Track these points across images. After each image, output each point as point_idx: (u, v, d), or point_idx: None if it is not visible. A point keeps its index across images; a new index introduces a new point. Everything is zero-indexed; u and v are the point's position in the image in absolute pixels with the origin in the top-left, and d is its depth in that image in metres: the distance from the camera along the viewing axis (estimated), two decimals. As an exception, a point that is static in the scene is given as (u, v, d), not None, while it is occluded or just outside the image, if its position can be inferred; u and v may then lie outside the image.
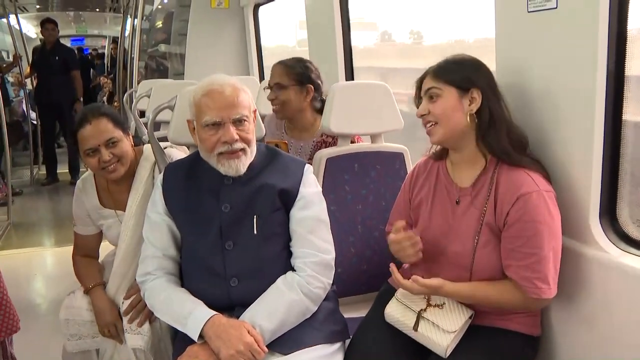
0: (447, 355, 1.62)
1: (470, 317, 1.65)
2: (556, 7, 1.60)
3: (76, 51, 8.23)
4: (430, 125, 1.68)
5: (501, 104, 1.65)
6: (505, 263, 1.62)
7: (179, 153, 2.13)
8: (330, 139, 2.47)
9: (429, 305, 1.67)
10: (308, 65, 2.53)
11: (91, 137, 1.98)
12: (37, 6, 11.27)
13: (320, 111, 2.46)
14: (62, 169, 7.21)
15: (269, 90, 2.52)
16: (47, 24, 6.68)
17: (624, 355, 1.56)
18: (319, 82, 2.52)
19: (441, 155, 1.80)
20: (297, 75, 2.47)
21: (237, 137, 1.68)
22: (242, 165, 1.71)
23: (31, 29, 12.35)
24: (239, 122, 1.69)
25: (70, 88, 6.74)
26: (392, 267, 1.68)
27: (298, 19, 4.61)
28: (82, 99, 6.91)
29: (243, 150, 1.70)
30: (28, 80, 7.78)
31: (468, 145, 1.68)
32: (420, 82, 1.72)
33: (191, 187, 1.78)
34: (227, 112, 1.68)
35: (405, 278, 1.66)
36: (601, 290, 1.61)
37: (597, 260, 1.61)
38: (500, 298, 1.63)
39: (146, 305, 1.95)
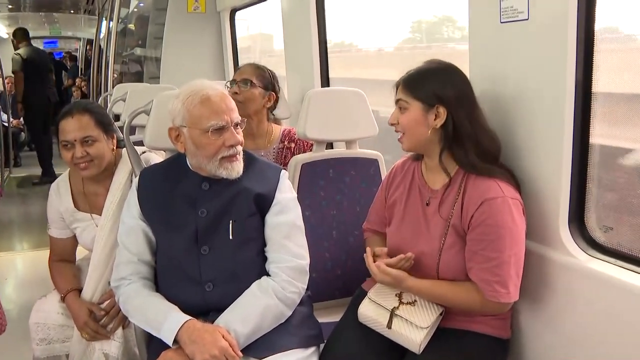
0: (421, 350, 1.65)
1: (441, 314, 1.69)
2: (527, 19, 1.64)
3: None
4: (400, 134, 1.73)
5: (473, 116, 1.67)
6: (467, 265, 1.66)
7: (156, 158, 2.12)
8: (294, 145, 2.53)
9: (401, 303, 1.70)
10: (275, 76, 2.60)
11: (70, 131, 1.99)
12: (9, 6, 11.11)
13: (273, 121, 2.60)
14: (34, 172, 7.13)
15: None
16: None
17: (588, 355, 1.59)
18: (279, 96, 2.60)
19: (418, 156, 1.84)
20: (265, 79, 2.54)
21: (241, 139, 1.72)
22: (241, 167, 1.74)
23: (2, 29, 12.17)
24: (236, 125, 1.72)
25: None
26: (368, 251, 1.72)
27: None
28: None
29: (240, 153, 1.74)
30: None
31: (436, 155, 1.72)
32: (396, 88, 1.75)
33: (167, 191, 1.78)
34: (230, 116, 1.71)
35: (374, 282, 1.70)
36: (569, 294, 1.65)
37: (565, 265, 1.65)
38: (461, 298, 1.67)
39: (119, 310, 1.95)
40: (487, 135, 1.69)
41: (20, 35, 7.24)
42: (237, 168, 1.73)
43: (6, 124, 7.40)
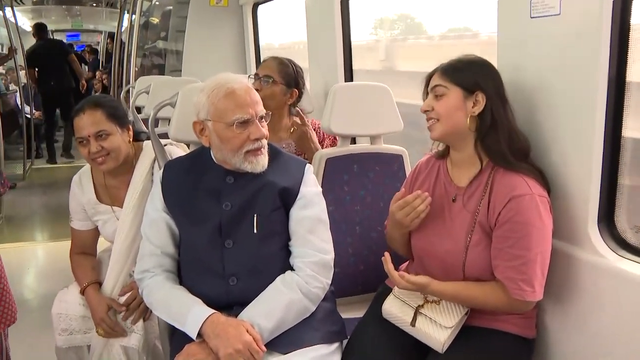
0: (444, 350, 1.64)
1: (466, 314, 1.67)
2: (559, 14, 1.61)
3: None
4: (432, 122, 1.70)
5: (506, 110, 1.66)
6: (493, 263, 1.64)
7: (178, 151, 2.12)
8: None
9: (426, 301, 1.69)
10: (300, 71, 2.56)
11: (83, 127, 2.00)
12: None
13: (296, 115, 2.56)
14: (53, 164, 7.21)
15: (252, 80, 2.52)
16: None
17: (615, 357, 1.57)
18: (302, 91, 2.57)
19: (443, 154, 1.82)
20: (288, 75, 2.51)
21: (266, 133, 1.71)
22: (266, 160, 1.74)
23: (26, 22, 12.28)
24: (262, 118, 1.72)
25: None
26: (386, 255, 1.69)
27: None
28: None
29: (264, 146, 1.74)
30: (22, 74, 7.76)
31: (467, 146, 1.70)
32: (429, 78, 1.73)
33: (191, 184, 1.78)
34: (254, 109, 1.70)
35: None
36: (597, 294, 1.62)
37: (594, 265, 1.63)
38: (486, 298, 1.65)
39: (141, 303, 1.96)
40: (518, 132, 1.67)
41: (35, 32, 8.18)
42: (261, 162, 1.72)
43: (29, 116, 7.48)
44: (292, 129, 2.52)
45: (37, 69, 7.92)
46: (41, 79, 7.93)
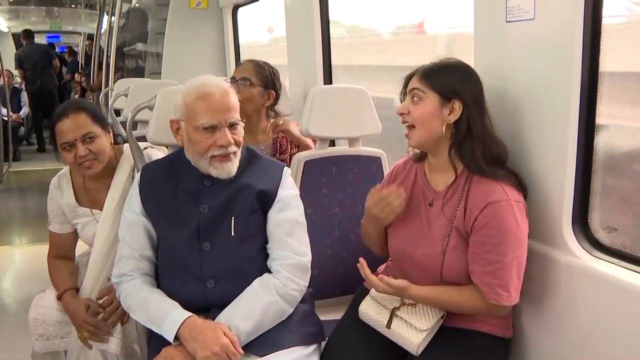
0: (419, 353, 1.65)
1: (442, 317, 1.68)
2: (534, 18, 1.63)
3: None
4: (408, 128, 1.70)
5: (483, 118, 1.65)
6: (470, 267, 1.64)
7: (158, 153, 2.12)
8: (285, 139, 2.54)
9: (402, 303, 1.69)
10: (276, 73, 2.56)
11: (68, 131, 1.97)
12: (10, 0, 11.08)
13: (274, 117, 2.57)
14: (33, 167, 7.12)
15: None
16: None
17: (590, 356, 1.59)
18: (279, 93, 2.56)
19: (421, 157, 1.82)
20: (265, 77, 2.51)
21: (232, 140, 1.69)
22: (233, 167, 1.72)
23: (3, 23, 12.13)
24: (232, 126, 1.70)
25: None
26: (362, 261, 1.69)
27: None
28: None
29: (235, 153, 1.71)
30: None
31: (443, 152, 1.70)
32: (408, 79, 1.73)
33: (169, 187, 1.77)
34: (224, 115, 1.68)
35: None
36: (572, 294, 1.64)
37: (569, 266, 1.65)
38: (463, 302, 1.66)
39: (118, 306, 1.94)
40: (495, 140, 1.67)
41: (24, 36, 9.64)
42: (227, 169, 1.71)
43: (5, 118, 7.39)
44: (273, 132, 2.53)
45: (25, 70, 9.07)
46: (30, 79, 9.05)
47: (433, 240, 1.71)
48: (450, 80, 1.65)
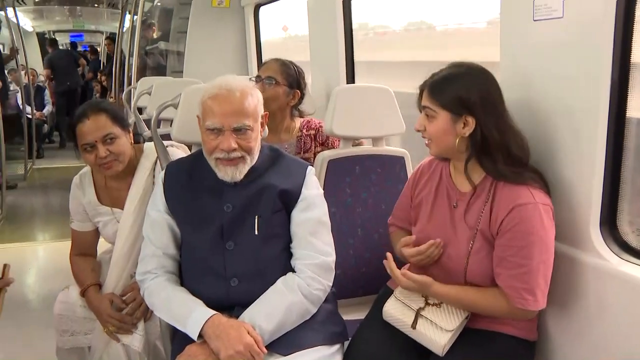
0: (444, 353, 1.64)
1: (466, 317, 1.67)
2: (562, 17, 1.61)
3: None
4: (427, 141, 1.71)
5: (499, 124, 1.62)
6: (495, 271, 1.63)
7: (180, 152, 2.12)
8: (313, 132, 2.53)
9: (427, 304, 1.68)
10: (301, 72, 2.56)
11: (89, 133, 1.97)
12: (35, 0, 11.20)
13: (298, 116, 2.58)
14: (56, 164, 7.20)
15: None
16: None
17: None
18: (304, 92, 2.56)
19: (446, 157, 1.81)
20: (290, 77, 2.51)
21: (234, 146, 1.67)
22: (238, 172, 1.70)
23: (28, 23, 12.27)
24: (239, 130, 1.68)
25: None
26: (388, 256, 1.69)
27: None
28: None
29: (242, 158, 1.69)
30: (23, 74, 7.78)
31: (464, 161, 1.69)
32: (420, 92, 1.71)
33: (193, 186, 1.78)
34: (229, 119, 1.67)
35: None
36: (599, 298, 1.62)
37: (596, 268, 1.62)
38: (487, 304, 1.64)
39: (141, 303, 1.95)
40: (515, 142, 1.64)
41: (49, 44, 11.07)
42: (230, 173, 1.70)
43: (29, 116, 7.48)
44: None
45: (56, 72, 9.95)
46: (60, 80, 9.85)
47: (457, 242, 1.69)
48: (455, 92, 1.62)
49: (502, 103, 1.65)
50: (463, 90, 1.62)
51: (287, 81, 2.49)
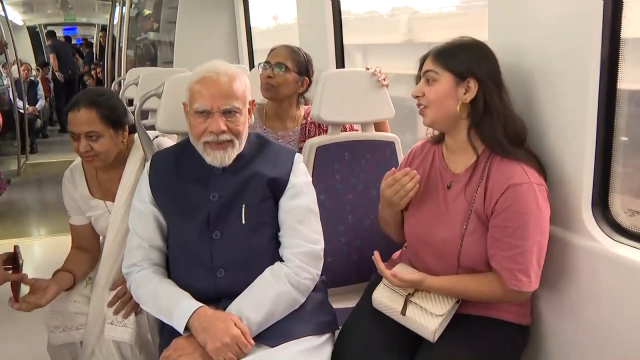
0: (435, 339, 1.62)
1: (457, 302, 1.65)
2: None
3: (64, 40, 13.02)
4: (423, 107, 1.67)
5: (501, 95, 1.61)
6: (489, 252, 1.61)
7: (169, 142, 2.10)
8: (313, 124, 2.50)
9: (416, 290, 1.67)
10: (310, 59, 2.53)
11: (75, 124, 1.95)
12: (24, -8, 11.13)
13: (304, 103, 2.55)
14: (50, 159, 7.17)
15: (259, 71, 2.49)
16: None
17: (611, 345, 1.55)
18: (312, 80, 2.52)
19: (438, 139, 1.78)
20: (300, 64, 2.48)
21: (224, 128, 1.65)
22: (227, 157, 1.68)
23: (17, 16, 12.18)
24: (228, 113, 1.66)
25: None
26: (376, 255, 1.67)
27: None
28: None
29: (230, 142, 1.67)
30: (14, 69, 7.73)
31: (461, 132, 1.67)
32: (422, 61, 1.69)
33: (179, 175, 1.75)
34: (218, 101, 1.64)
35: (391, 268, 1.67)
36: (592, 280, 1.60)
37: (588, 250, 1.60)
38: (481, 291, 1.63)
39: (132, 296, 1.93)
40: (513, 119, 1.63)
41: (48, 36, 12.15)
42: (219, 157, 1.67)
43: (22, 111, 7.44)
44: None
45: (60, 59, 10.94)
46: (63, 68, 10.87)
47: (451, 224, 1.67)
48: (464, 58, 1.61)
49: (503, 82, 1.64)
50: (472, 58, 1.61)
51: (297, 68, 2.46)
